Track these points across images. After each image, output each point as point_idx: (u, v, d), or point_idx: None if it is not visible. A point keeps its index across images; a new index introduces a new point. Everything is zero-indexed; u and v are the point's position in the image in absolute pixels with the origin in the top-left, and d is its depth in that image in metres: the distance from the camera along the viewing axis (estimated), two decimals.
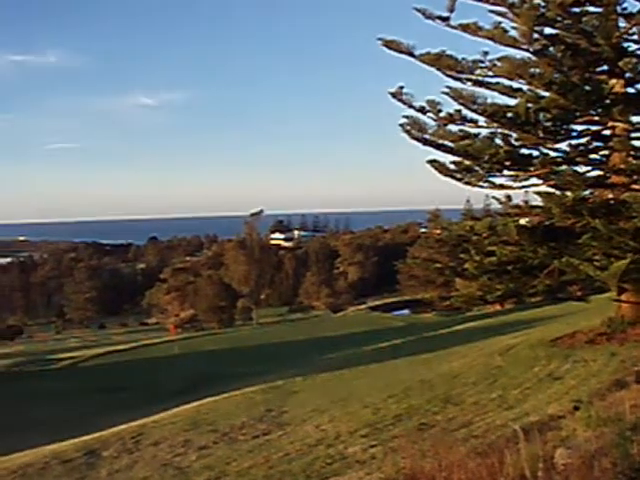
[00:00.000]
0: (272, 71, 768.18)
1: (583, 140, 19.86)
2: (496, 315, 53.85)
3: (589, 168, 19.82)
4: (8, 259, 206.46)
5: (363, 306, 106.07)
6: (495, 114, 18.28)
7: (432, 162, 20.20)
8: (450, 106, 19.46)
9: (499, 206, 21.64)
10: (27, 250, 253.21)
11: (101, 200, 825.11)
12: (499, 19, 18.31)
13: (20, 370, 54.24)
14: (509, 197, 20.57)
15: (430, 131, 19.59)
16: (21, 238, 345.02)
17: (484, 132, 19.60)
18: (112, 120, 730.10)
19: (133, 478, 14.42)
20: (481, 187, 20.50)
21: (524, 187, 20.45)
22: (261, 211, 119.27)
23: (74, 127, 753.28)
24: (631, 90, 19.05)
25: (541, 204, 19.37)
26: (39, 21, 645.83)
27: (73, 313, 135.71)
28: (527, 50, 17.54)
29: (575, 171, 19.01)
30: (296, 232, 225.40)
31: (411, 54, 19.18)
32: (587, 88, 17.53)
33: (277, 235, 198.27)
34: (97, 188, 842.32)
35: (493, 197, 22.02)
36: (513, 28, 17.75)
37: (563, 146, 19.56)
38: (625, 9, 18.12)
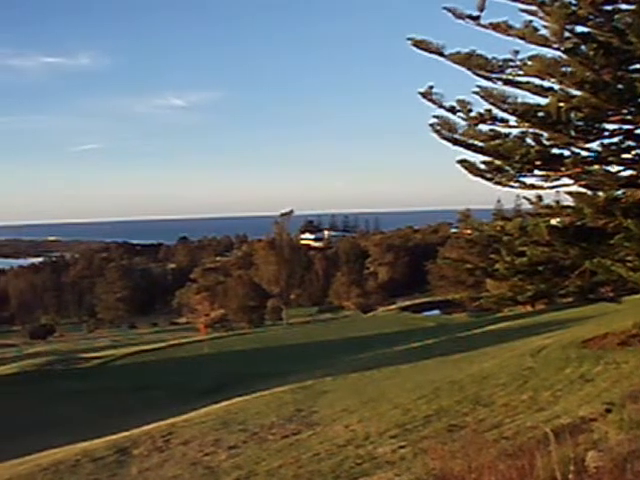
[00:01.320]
0: (303, 70, 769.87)
1: (615, 139, 19.63)
2: (527, 316, 53.50)
3: (621, 168, 19.59)
4: (40, 259, 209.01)
5: (393, 306, 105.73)
6: (526, 113, 18.14)
7: (462, 162, 20.08)
8: (480, 106, 19.36)
9: (530, 206, 21.42)
10: (59, 250, 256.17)
11: (132, 200, 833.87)
12: (530, 18, 18.18)
13: (51, 369, 54.66)
14: (540, 197, 20.33)
15: (460, 131, 19.47)
16: (52, 238, 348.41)
17: (515, 132, 19.46)
18: (143, 121, 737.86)
19: (163, 476, 14.49)
20: (512, 187, 20.35)
21: (555, 187, 20.27)
22: (291, 211, 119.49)
23: (105, 128, 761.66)
24: None
25: (573, 204, 19.22)
26: (70, 23, 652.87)
27: (104, 313, 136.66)
28: (558, 49, 17.38)
29: (607, 171, 18.82)
30: (326, 232, 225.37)
31: (441, 54, 19.07)
32: (619, 87, 17.35)
33: (307, 235, 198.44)
34: (128, 188, 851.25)
35: (524, 197, 21.75)
36: (544, 27, 17.61)
37: (595, 145, 19.35)
38: None
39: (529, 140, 18.86)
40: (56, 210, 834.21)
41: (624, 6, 17.83)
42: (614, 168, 19.43)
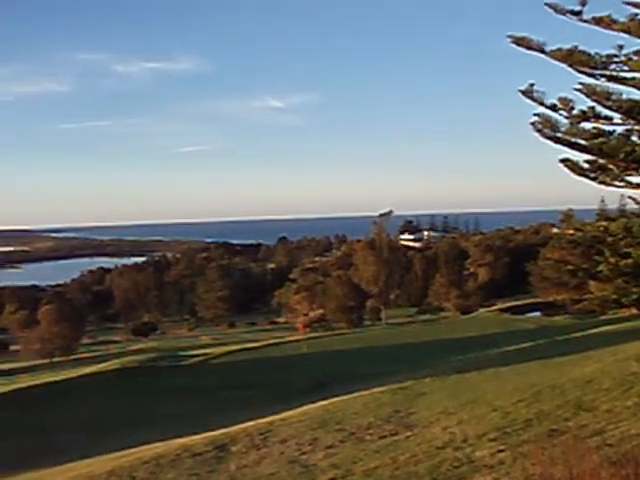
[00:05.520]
0: (403, 71, 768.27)
1: None
2: (632, 319, 52.06)
3: None
4: (143, 258, 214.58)
5: (493, 308, 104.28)
6: (631, 110, 17.70)
7: (565, 161, 19.72)
8: (583, 103, 18.95)
9: (635, 206, 20.89)
10: (160, 250, 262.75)
11: (231, 201, 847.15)
12: (635, 11, 17.70)
13: (152, 366, 55.87)
14: None
15: (562, 129, 19.11)
16: (154, 238, 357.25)
17: (619, 129, 19.00)
18: (242, 123, 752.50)
19: (260, 473, 14.61)
20: (616, 186, 19.88)
21: None
22: (390, 211, 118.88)
23: (205, 130, 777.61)
24: None
25: None
26: (171, 29, 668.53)
27: (204, 311, 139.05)
28: None
29: None
30: (425, 233, 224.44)
31: (542, 51, 18.76)
32: None
33: (406, 236, 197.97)
34: (227, 189, 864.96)
35: (629, 197, 21.26)
36: None
37: None
38: None
39: (635, 138, 18.39)
40: (158, 211, 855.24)
41: None
42: None
